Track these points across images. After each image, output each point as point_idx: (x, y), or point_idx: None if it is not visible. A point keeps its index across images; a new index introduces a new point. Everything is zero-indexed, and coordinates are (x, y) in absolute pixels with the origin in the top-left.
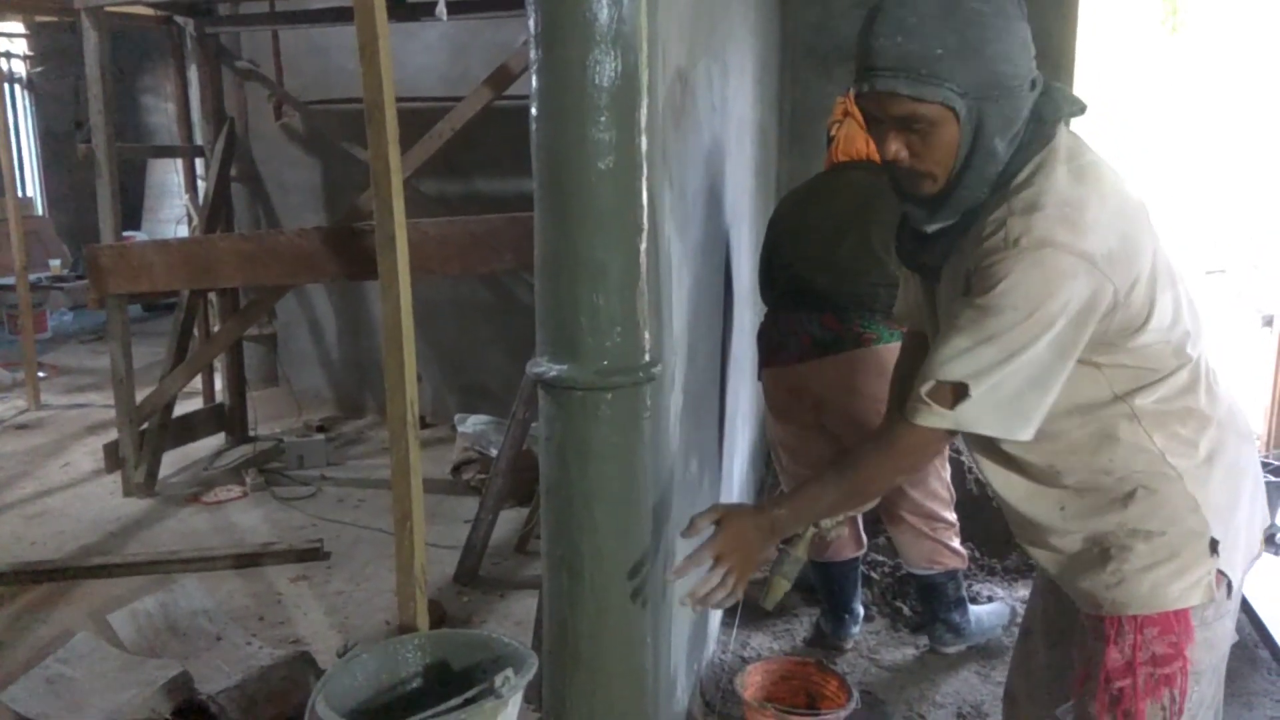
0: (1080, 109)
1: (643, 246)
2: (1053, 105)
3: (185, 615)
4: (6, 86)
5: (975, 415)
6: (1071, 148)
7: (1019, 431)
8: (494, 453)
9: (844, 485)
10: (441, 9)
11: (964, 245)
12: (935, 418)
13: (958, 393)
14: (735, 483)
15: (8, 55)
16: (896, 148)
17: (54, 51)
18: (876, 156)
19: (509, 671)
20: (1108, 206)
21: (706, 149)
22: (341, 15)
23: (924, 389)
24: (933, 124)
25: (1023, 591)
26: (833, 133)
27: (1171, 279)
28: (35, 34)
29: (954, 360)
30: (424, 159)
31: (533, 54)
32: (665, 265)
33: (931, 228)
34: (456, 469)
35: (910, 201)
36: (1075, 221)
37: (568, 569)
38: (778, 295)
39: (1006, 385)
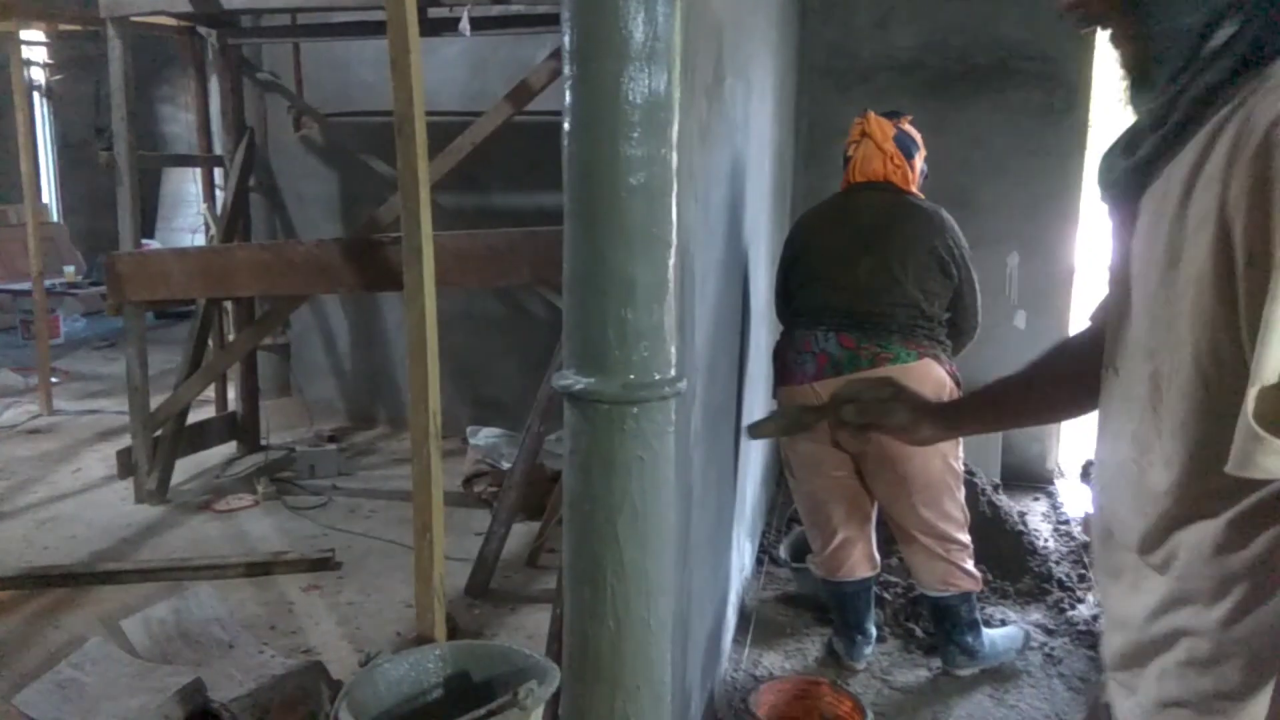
0: None
1: (671, 262)
2: None
3: (198, 622)
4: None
5: None
6: None
7: None
8: (505, 466)
9: None
10: (465, 24)
11: (1177, 168)
12: None
13: None
14: (748, 500)
15: (28, 63)
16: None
17: (73, 60)
18: (893, 178)
19: (533, 683)
20: None
21: (729, 166)
22: (363, 29)
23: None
24: None
25: (1035, 615)
26: (850, 153)
27: None
28: (56, 42)
29: None
30: (443, 172)
31: (566, 69)
32: (690, 281)
33: (1141, 104)
34: (468, 481)
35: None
36: None
37: (589, 582)
38: (794, 314)
39: None
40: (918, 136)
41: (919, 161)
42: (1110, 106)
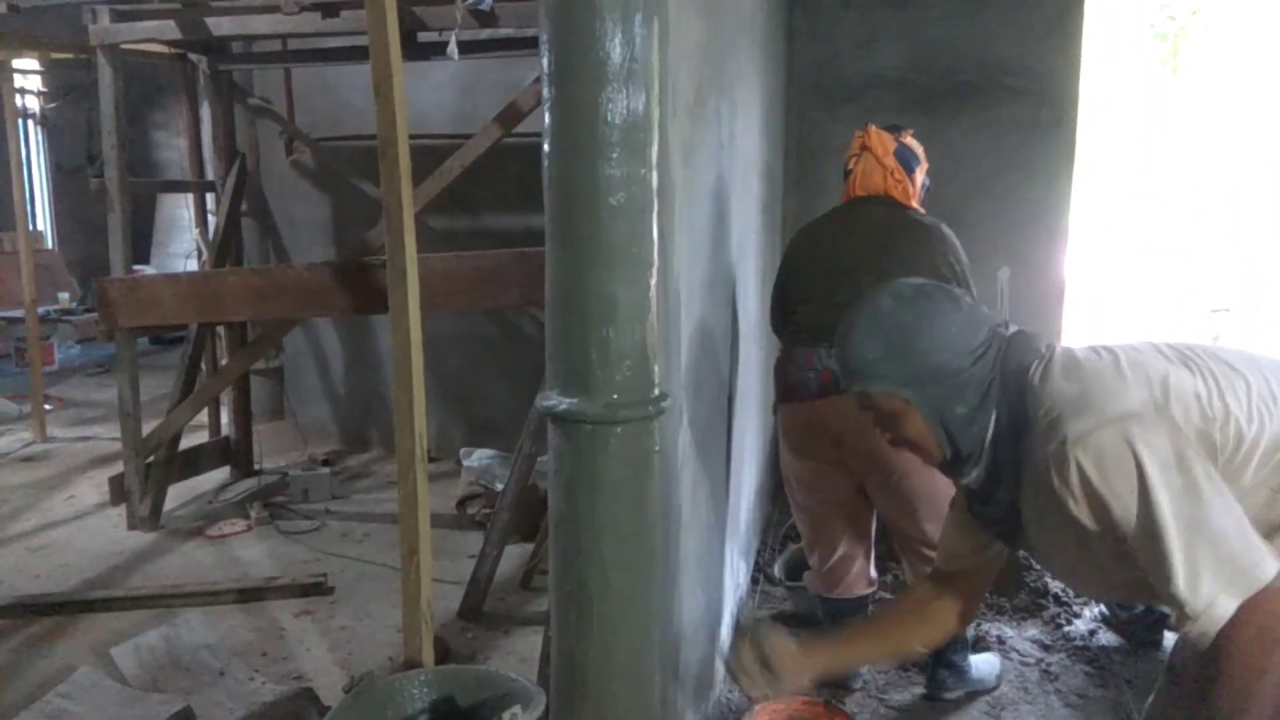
0: (1046, 346)
1: (653, 281)
2: (1019, 349)
3: (188, 650)
4: (20, 122)
5: (1222, 582)
6: (1048, 362)
7: (1265, 565)
8: (499, 487)
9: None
10: (453, 48)
11: (1028, 494)
12: (1212, 615)
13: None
14: (742, 519)
15: (22, 91)
16: (885, 435)
17: (66, 87)
18: (894, 192)
19: (517, 708)
20: (1115, 374)
21: (714, 185)
22: (353, 54)
23: (1194, 617)
24: (894, 412)
25: (1032, 630)
26: (850, 167)
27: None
28: (49, 70)
29: (1173, 578)
30: (433, 195)
31: (545, 91)
32: (674, 300)
33: (974, 483)
34: (461, 503)
35: (946, 470)
36: (1093, 404)
37: (575, 603)
38: (795, 330)
39: (1215, 547)
40: (919, 150)
41: (920, 175)
42: (1099, 119)
